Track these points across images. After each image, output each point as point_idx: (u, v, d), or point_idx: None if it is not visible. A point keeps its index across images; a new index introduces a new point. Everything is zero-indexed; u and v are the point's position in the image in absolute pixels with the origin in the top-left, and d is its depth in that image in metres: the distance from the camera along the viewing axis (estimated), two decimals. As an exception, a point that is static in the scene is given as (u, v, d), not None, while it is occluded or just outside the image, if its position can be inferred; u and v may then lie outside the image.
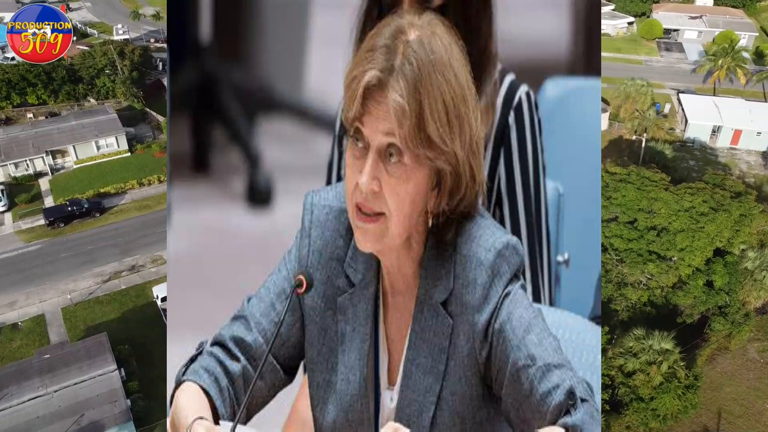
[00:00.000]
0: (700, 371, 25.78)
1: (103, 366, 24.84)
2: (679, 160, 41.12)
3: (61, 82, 50.35)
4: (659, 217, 28.69)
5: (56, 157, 42.90)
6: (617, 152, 43.08)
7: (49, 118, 48.21)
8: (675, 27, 61.96)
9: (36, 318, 30.24)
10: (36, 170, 41.87)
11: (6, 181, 40.56)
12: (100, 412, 23.10)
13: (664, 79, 52.81)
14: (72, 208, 37.08)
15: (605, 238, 28.54)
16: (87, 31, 67.39)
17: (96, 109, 48.62)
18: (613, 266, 28.20)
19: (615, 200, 29.86)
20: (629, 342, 24.64)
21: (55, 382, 24.18)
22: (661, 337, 24.25)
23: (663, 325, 26.21)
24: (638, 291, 27.80)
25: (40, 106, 50.33)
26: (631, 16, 65.75)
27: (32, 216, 37.87)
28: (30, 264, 33.89)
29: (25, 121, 48.44)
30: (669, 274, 27.61)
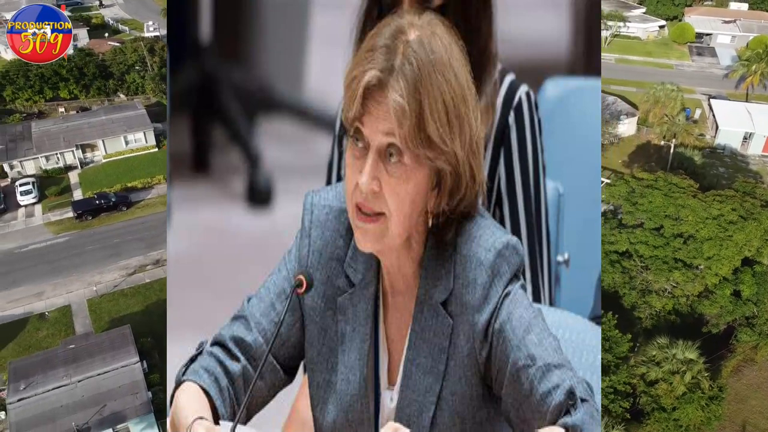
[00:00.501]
0: (725, 383, 25.32)
1: (126, 358, 25.28)
2: (708, 167, 40.47)
3: (93, 78, 51.24)
4: (686, 225, 28.15)
5: (86, 151, 43.71)
6: (645, 157, 42.67)
7: (79, 112, 49.23)
8: (707, 31, 61.15)
9: (62, 309, 30.87)
10: (66, 163, 42.68)
11: (37, 174, 41.49)
12: (121, 404, 23.52)
13: (695, 84, 52.43)
14: (100, 201, 37.89)
15: (630, 245, 28.15)
16: (119, 28, 68.61)
17: (125, 104, 49.45)
18: (638, 273, 27.79)
19: (641, 206, 29.40)
20: (652, 350, 24.30)
21: (79, 373, 24.70)
22: (685, 347, 23.87)
23: (687, 334, 25.78)
24: (663, 299, 27.35)
25: (72, 100, 51.23)
26: (662, 19, 65.08)
27: (61, 208, 38.54)
28: (58, 255, 34.57)
29: (56, 115, 49.42)
30: (695, 282, 27.14)
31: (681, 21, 64.42)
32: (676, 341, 24.25)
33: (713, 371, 25.15)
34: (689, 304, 27.58)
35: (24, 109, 49.90)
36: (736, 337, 27.33)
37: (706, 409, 22.81)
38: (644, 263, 27.89)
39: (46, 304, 31.09)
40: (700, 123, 46.40)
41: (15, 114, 48.75)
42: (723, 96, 49.43)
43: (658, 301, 27.30)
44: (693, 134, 43.02)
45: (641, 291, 27.64)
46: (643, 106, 45.37)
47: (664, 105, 43.36)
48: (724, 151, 43.18)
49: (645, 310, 27.60)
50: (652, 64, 57.74)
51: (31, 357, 26.63)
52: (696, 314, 27.88)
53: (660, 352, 24.03)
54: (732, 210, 28.35)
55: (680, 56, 59.53)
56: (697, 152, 40.98)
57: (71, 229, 36.70)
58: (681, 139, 41.59)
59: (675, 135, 40.82)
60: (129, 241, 35.06)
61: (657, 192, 29.82)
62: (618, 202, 31.69)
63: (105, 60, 53.09)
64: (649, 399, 23.41)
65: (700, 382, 23.22)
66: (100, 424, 22.87)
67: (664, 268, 27.38)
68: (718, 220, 28.02)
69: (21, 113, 49.24)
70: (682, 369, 23.29)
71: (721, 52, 58.98)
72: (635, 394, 23.86)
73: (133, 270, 32.94)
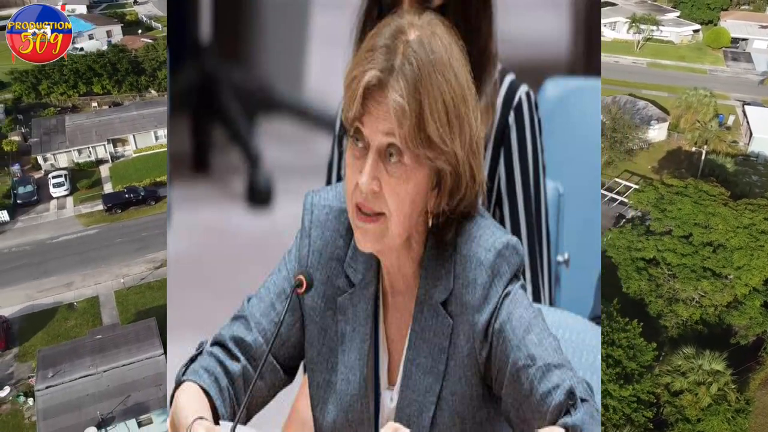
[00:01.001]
0: (753, 395, 24.75)
1: (151, 350, 25.67)
2: (740, 175, 39.39)
3: (125, 74, 51.95)
4: (716, 233, 27.48)
5: (117, 145, 44.47)
6: (675, 164, 42.02)
7: (112, 107, 50.03)
8: (743, 36, 60.11)
9: (90, 299, 31.47)
10: (98, 157, 43.52)
11: (69, 167, 42.25)
12: (145, 395, 23.93)
13: (729, 90, 51.11)
14: (129, 195, 38.59)
15: (657, 252, 27.71)
16: (152, 25, 69.36)
17: (156, 100, 50.20)
18: (665, 281, 27.25)
19: (670, 213, 28.81)
20: (678, 360, 23.81)
21: (105, 363, 25.18)
22: (712, 358, 23.32)
23: (715, 345, 25.14)
24: (690, 308, 26.76)
25: (105, 95, 52.03)
26: (697, 23, 64.19)
27: (92, 201, 39.34)
28: (88, 247, 35.27)
29: (89, 110, 50.37)
30: (724, 292, 26.51)
31: (716, 25, 63.19)
32: (703, 352, 23.57)
33: (741, 383, 24.43)
34: (717, 314, 26.82)
35: (59, 103, 50.79)
36: (766, 350, 26.61)
37: (732, 422, 22.21)
38: (672, 271, 27.27)
39: (75, 294, 31.79)
40: (733, 130, 45.10)
41: (50, 108, 49.77)
42: (758, 102, 48.11)
43: (685, 310, 26.49)
44: (726, 141, 41.52)
45: (668, 299, 27.04)
46: (675, 112, 44.55)
47: (697, 111, 42.43)
48: (758, 158, 42.04)
49: (671, 318, 26.87)
50: (685, 68, 56.50)
51: (59, 346, 27.26)
52: (724, 325, 26.95)
53: (686, 362, 23.45)
54: (764, 219, 27.56)
55: (714, 61, 58.11)
56: (730, 159, 39.84)
57: (101, 221, 37.52)
58: (713, 145, 40.59)
59: (707, 141, 39.90)
60: (156, 235, 35.54)
61: (687, 199, 29.09)
62: (646, 209, 31.08)
63: (138, 56, 53.89)
64: (673, 409, 22.86)
65: (726, 394, 22.59)
66: (124, 413, 23.30)
67: (692, 276, 26.72)
68: (750, 229, 27.24)
69: (56, 107, 50.24)
70: (708, 380, 22.68)
71: (757, 58, 57.55)
72: (659, 404, 23.36)
73: (159, 263, 33.35)
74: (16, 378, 27.20)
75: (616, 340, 23.00)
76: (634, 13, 63.09)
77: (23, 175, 41.47)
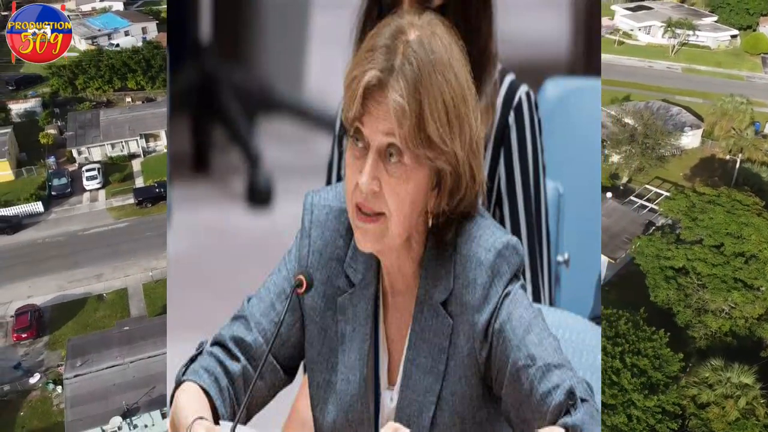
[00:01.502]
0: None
1: None
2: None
3: (159, 70, 52.62)
4: (749, 244, 26.87)
5: (149, 140, 45.45)
6: (708, 172, 41.41)
7: (145, 103, 50.96)
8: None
9: (119, 291, 32.31)
10: (130, 152, 44.61)
11: (103, 161, 43.59)
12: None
13: (766, 98, 49.81)
14: (160, 189, 39.32)
15: (687, 261, 27.22)
16: None
17: None
18: (694, 291, 26.71)
19: (701, 222, 28.21)
20: (705, 372, 23.39)
21: (132, 354, 25.83)
22: (741, 371, 22.85)
23: (744, 358, 24.44)
24: (720, 319, 26.19)
25: (138, 91, 52.88)
26: (735, 29, 62.97)
27: (123, 195, 40.41)
28: (118, 240, 36.20)
29: (123, 105, 51.55)
30: (755, 304, 25.89)
31: (755, 31, 61.95)
32: (732, 364, 23.04)
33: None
34: (748, 326, 26.05)
35: (94, 98, 51.89)
36: (798, 364, 26.04)
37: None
38: (701, 281, 26.71)
39: (105, 285, 32.70)
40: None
41: (85, 102, 51.03)
42: (797, 111, 47.03)
43: (714, 321, 25.87)
44: (761, 149, 40.35)
45: (697, 310, 26.42)
46: (710, 119, 43.60)
47: (732, 118, 41.50)
48: (795, 168, 41.03)
49: (700, 329, 26.30)
50: (721, 74, 55.01)
51: (88, 336, 28.24)
52: (755, 337, 26.34)
53: (713, 374, 22.99)
54: (800, 231, 26.93)
55: (752, 67, 56.66)
56: (765, 168, 38.92)
57: (131, 215, 38.41)
58: (748, 154, 39.74)
59: (742, 149, 39.16)
60: (185, 230, 36.61)
61: (719, 208, 28.46)
62: (677, 216, 30.54)
63: (171, 54, 55.00)
64: (698, 422, 22.38)
65: (755, 409, 22.05)
66: (149, 405, 23.67)
67: (723, 287, 26.08)
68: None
69: (91, 101, 51.38)
70: (736, 393, 22.06)
71: (797, 65, 56.53)
72: (684, 416, 22.90)
73: (187, 258, 34.34)
74: (46, 366, 28.12)
75: (641, 350, 22.55)
76: (669, 17, 61.71)
77: (58, 167, 42.66)
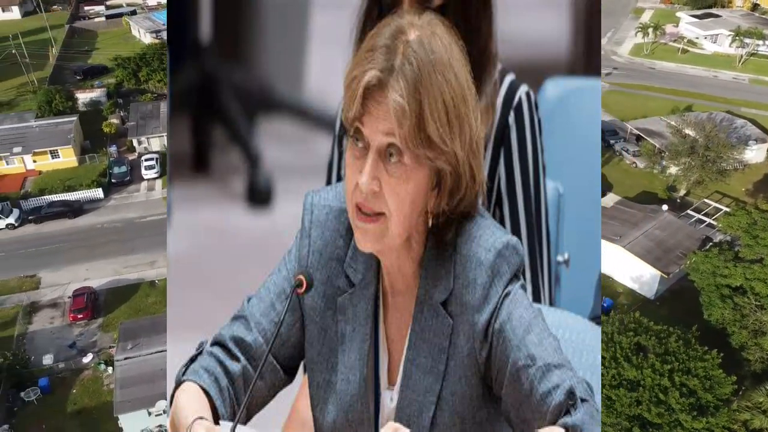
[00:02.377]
0: None
1: None
2: None
3: None
4: None
5: None
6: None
7: None
8: None
9: None
10: None
11: (161, 151, 44.34)
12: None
13: None
14: None
15: (745, 280, 26.24)
16: None
17: None
18: (751, 311, 25.63)
19: (762, 240, 27.07)
20: (759, 397, 22.55)
21: None
22: None
23: None
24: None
25: None
26: None
27: None
28: None
29: None
30: None
31: None
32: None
33: (829, 427, 22.83)
34: None
35: (155, 90, 53.15)
36: None
37: (815, 466, 20.75)
38: (760, 302, 25.60)
39: (157, 272, 33.44)
40: (840, 155, 42.23)
41: (147, 94, 52.65)
42: None
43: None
44: None
45: (753, 331, 25.14)
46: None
47: None
48: None
49: (755, 352, 25.05)
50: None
51: (139, 320, 29.05)
52: None
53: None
54: None
55: None
56: None
57: None
58: None
59: None
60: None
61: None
62: (736, 233, 29.38)
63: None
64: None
65: None
66: None
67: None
68: None
69: (152, 93, 52.82)
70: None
71: None
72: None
73: (237, 249, 35.17)
74: (99, 347, 29.22)
75: (692, 369, 21.82)
76: (738, 26, 59.69)
77: (119, 156, 44.01)
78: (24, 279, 33.63)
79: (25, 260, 34.81)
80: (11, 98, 53.91)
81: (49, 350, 29.11)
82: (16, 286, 33.13)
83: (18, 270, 34.14)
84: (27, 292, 32.66)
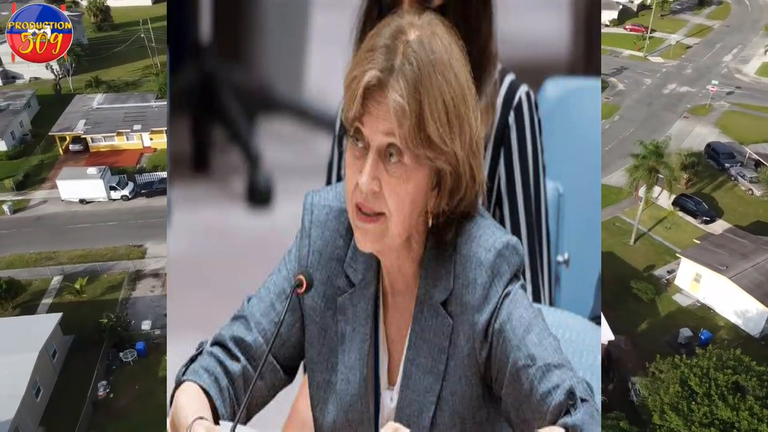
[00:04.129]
0: None
1: None
2: None
3: None
4: None
5: None
6: None
7: None
8: None
9: None
10: None
11: None
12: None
13: None
14: None
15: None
16: None
17: None
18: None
19: None
20: None
21: None
22: None
23: None
24: None
25: None
26: None
27: None
28: None
29: None
30: None
31: None
32: None
33: None
34: None
35: None
36: None
37: None
38: None
39: None
40: None
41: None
42: None
43: None
44: None
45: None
46: None
47: None
48: None
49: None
50: None
51: None
52: None
53: None
54: None
55: None
56: None
57: None
58: None
59: None
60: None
61: None
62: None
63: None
64: None
65: None
66: None
67: None
68: None
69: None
70: None
71: None
72: None
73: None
74: None
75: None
76: None
77: None
78: (132, 248, 37.19)
79: (135, 230, 38.41)
80: (136, 79, 59.44)
81: (148, 316, 31.54)
82: (125, 254, 36.59)
83: (128, 239, 37.86)
84: (133, 261, 36.11)
